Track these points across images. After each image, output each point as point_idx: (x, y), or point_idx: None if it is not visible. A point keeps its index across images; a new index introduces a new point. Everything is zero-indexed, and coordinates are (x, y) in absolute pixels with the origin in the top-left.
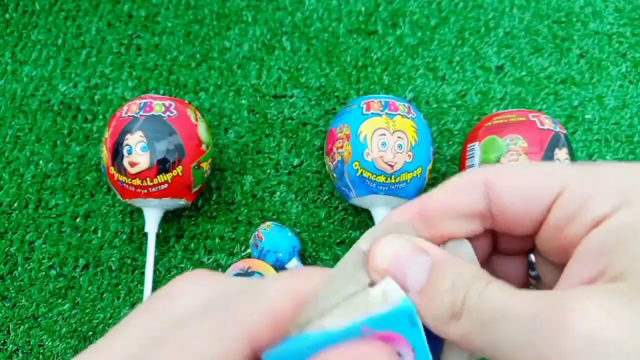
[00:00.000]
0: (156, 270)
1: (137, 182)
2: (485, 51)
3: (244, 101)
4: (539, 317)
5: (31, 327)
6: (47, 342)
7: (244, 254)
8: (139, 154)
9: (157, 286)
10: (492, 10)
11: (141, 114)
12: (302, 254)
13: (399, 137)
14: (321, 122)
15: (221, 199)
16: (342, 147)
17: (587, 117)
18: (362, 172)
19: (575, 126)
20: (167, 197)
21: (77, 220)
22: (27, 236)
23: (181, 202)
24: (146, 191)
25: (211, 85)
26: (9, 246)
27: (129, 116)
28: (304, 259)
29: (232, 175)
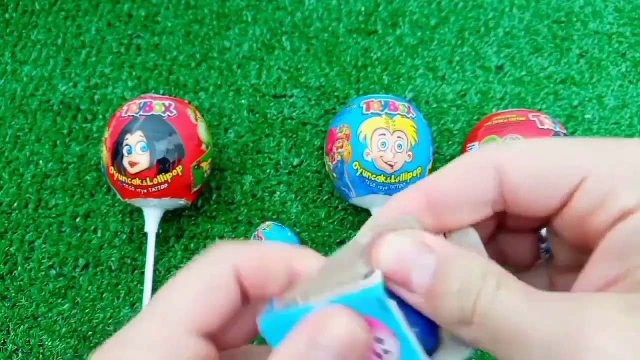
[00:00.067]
0: (156, 270)
1: (137, 182)
2: (485, 51)
3: (244, 101)
4: (554, 344)
5: (31, 327)
6: (47, 342)
7: None
8: (139, 154)
9: (157, 286)
10: (492, 10)
11: (141, 114)
12: None
13: (399, 137)
14: (321, 122)
15: (221, 199)
16: (342, 147)
17: (587, 117)
18: (362, 172)
19: (575, 126)
20: (167, 197)
21: (77, 220)
22: (27, 236)
23: (181, 202)
24: (146, 191)
25: (211, 85)
26: (9, 246)
27: (129, 116)
28: None
29: (232, 175)
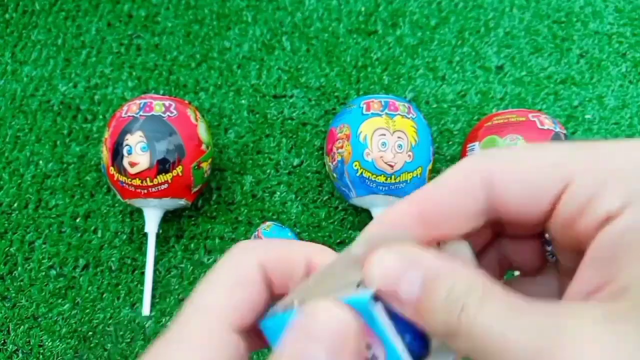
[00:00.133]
0: (156, 270)
1: (137, 182)
2: (485, 51)
3: (244, 101)
4: (532, 357)
5: (31, 327)
6: (47, 342)
7: None
8: (139, 154)
9: (157, 286)
10: (492, 10)
11: (141, 114)
12: None
13: (399, 137)
14: (321, 122)
15: (221, 199)
16: (342, 147)
17: (587, 117)
18: (362, 172)
19: (575, 126)
20: (167, 197)
21: (77, 220)
22: (27, 236)
23: (181, 202)
24: (146, 191)
25: (211, 85)
26: (9, 246)
27: (129, 116)
28: None
29: (232, 175)
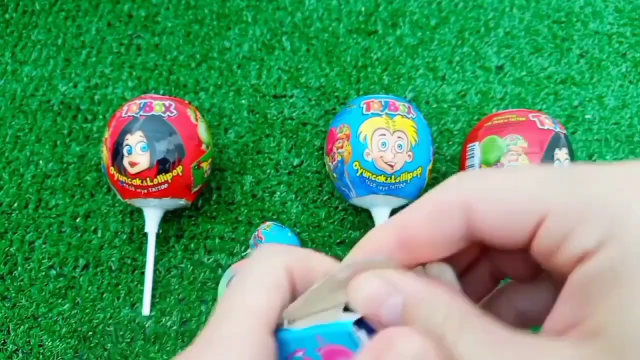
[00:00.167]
0: (156, 270)
1: (137, 182)
2: (485, 51)
3: (244, 101)
4: None
5: (31, 327)
6: (47, 342)
7: (244, 254)
8: (139, 154)
9: (157, 286)
10: (492, 10)
11: (141, 114)
12: None
13: (399, 137)
14: (321, 122)
15: (221, 199)
16: (342, 147)
17: (587, 117)
18: (362, 172)
19: (575, 126)
20: (167, 197)
21: (77, 220)
22: (27, 236)
23: (181, 202)
24: (146, 191)
25: (211, 85)
26: (9, 246)
27: (129, 116)
28: None
29: (232, 175)
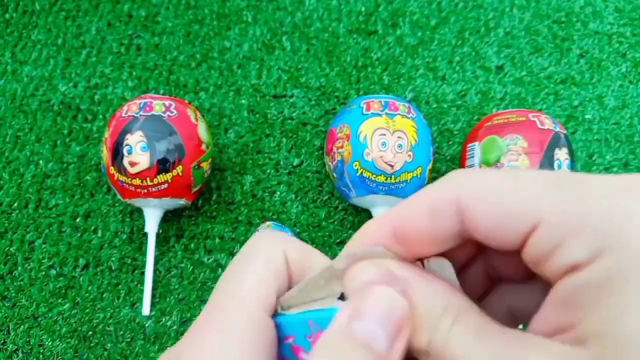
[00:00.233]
0: (156, 270)
1: (137, 182)
2: (485, 51)
3: (244, 101)
4: None
5: (31, 327)
6: (47, 342)
7: None
8: (139, 154)
9: (157, 286)
10: (492, 10)
11: (141, 114)
12: None
13: (399, 137)
14: (321, 122)
15: (221, 199)
16: (342, 147)
17: (587, 117)
18: (362, 172)
19: (575, 126)
20: (167, 197)
21: (77, 220)
22: (27, 236)
23: (181, 202)
24: (146, 191)
25: (211, 85)
26: (9, 246)
27: (129, 116)
28: None
29: (232, 175)
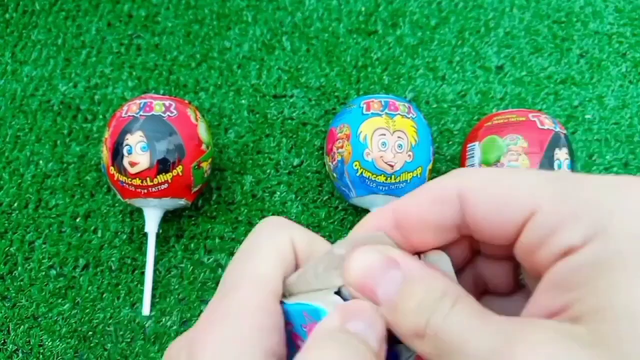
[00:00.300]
0: (156, 270)
1: (137, 182)
2: (485, 51)
3: (244, 101)
4: (487, 359)
5: (31, 327)
6: (47, 342)
7: None
8: (139, 154)
9: (157, 286)
10: (492, 10)
11: (141, 114)
12: None
13: (399, 137)
14: (321, 122)
15: (221, 199)
16: (342, 147)
17: (587, 117)
18: (362, 172)
19: (575, 126)
20: (167, 197)
21: (77, 220)
22: (27, 236)
23: (181, 202)
24: (146, 191)
25: (211, 85)
26: (9, 246)
27: (129, 116)
28: None
29: (232, 175)
